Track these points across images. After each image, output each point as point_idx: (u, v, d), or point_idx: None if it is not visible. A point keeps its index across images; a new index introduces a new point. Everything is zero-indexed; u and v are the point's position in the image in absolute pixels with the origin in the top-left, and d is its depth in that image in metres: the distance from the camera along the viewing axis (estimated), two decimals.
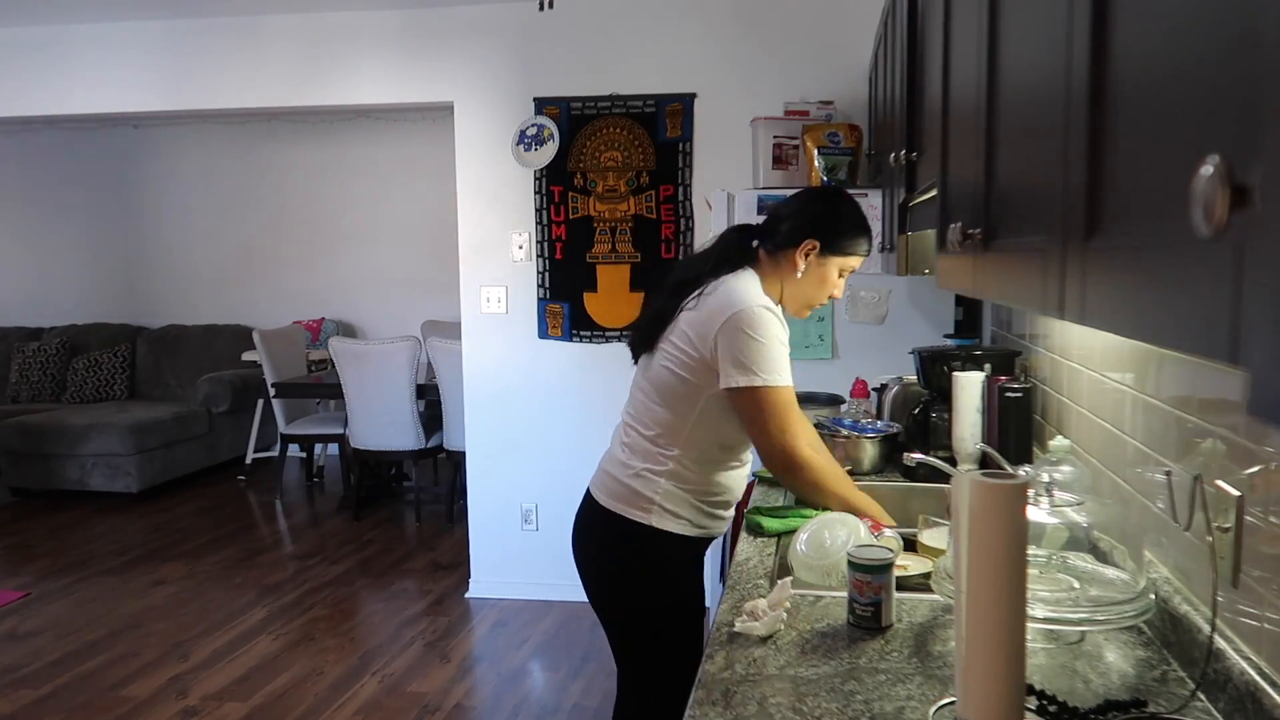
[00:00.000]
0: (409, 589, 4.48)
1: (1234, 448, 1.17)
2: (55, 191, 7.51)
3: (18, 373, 6.89)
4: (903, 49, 2.25)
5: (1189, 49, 0.61)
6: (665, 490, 1.97)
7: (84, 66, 4.44)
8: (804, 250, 2.00)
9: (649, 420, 2.00)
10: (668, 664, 2.06)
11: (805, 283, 2.04)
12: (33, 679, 3.54)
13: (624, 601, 2.06)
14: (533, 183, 4.13)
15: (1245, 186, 0.49)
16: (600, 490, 2.06)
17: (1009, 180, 1.12)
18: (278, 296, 7.33)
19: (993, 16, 1.18)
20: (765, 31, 3.93)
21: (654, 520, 1.97)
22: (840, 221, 2.03)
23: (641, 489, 1.98)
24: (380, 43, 4.19)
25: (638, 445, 2.01)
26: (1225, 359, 0.52)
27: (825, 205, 2.07)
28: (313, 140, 7.15)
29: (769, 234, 2.05)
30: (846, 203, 2.08)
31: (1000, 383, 2.23)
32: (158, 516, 5.73)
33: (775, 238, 2.03)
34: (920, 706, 1.24)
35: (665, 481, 1.97)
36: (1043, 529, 1.47)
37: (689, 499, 1.99)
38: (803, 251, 2.00)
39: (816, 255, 2.01)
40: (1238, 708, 1.12)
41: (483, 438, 4.28)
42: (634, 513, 1.98)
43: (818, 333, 3.55)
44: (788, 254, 2.02)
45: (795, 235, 2.01)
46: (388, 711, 3.27)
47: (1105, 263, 0.75)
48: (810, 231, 2.00)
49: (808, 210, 2.04)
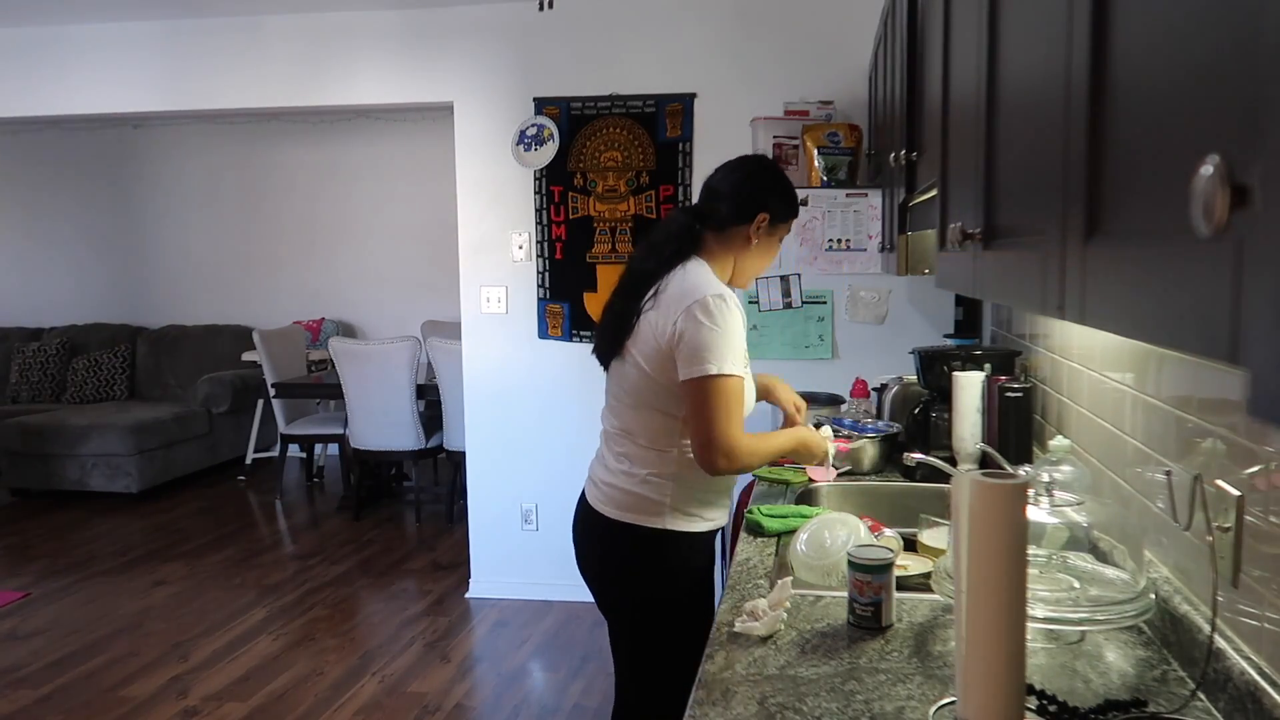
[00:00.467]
0: (409, 589, 4.48)
1: (1234, 448, 1.17)
2: (56, 191, 7.51)
3: (18, 373, 6.89)
4: (903, 49, 2.25)
5: (1189, 48, 0.61)
6: (674, 491, 1.96)
7: (84, 66, 4.44)
8: (757, 224, 2.01)
9: (640, 427, 1.98)
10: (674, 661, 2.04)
11: (755, 254, 2.06)
12: (33, 679, 3.54)
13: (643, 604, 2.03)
14: (533, 183, 4.13)
15: (1245, 186, 0.49)
16: (605, 504, 2.01)
17: (1009, 180, 1.12)
18: (278, 296, 7.33)
19: (993, 16, 1.18)
20: (765, 31, 3.93)
21: (669, 523, 1.96)
22: (785, 192, 2.06)
23: (652, 495, 1.96)
24: (380, 43, 4.19)
25: (637, 454, 1.98)
26: (1225, 359, 0.52)
27: (769, 177, 2.07)
28: (313, 140, 7.15)
29: (711, 213, 2.03)
30: (781, 172, 2.11)
31: (1000, 383, 2.23)
32: (158, 516, 5.73)
33: (718, 216, 2.02)
34: (920, 706, 1.24)
35: (673, 484, 1.95)
36: (1043, 529, 1.47)
37: (697, 494, 1.98)
38: (756, 225, 2.01)
39: (768, 227, 2.03)
40: (1238, 708, 1.12)
41: (483, 438, 4.28)
42: (648, 520, 1.96)
43: (818, 333, 3.55)
44: (740, 230, 2.02)
45: (747, 210, 2.01)
46: (388, 711, 3.27)
47: (1105, 263, 0.75)
48: (762, 204, 2.01)
49: (755, 183, 2.04)
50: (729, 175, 2.06)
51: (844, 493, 2.36)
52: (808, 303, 3.54)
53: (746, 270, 2.08)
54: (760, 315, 3.57)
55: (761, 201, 2.01)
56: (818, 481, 2.35)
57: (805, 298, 3.54)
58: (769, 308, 3.56)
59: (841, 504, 2.32)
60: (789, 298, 3.52)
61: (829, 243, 3.50)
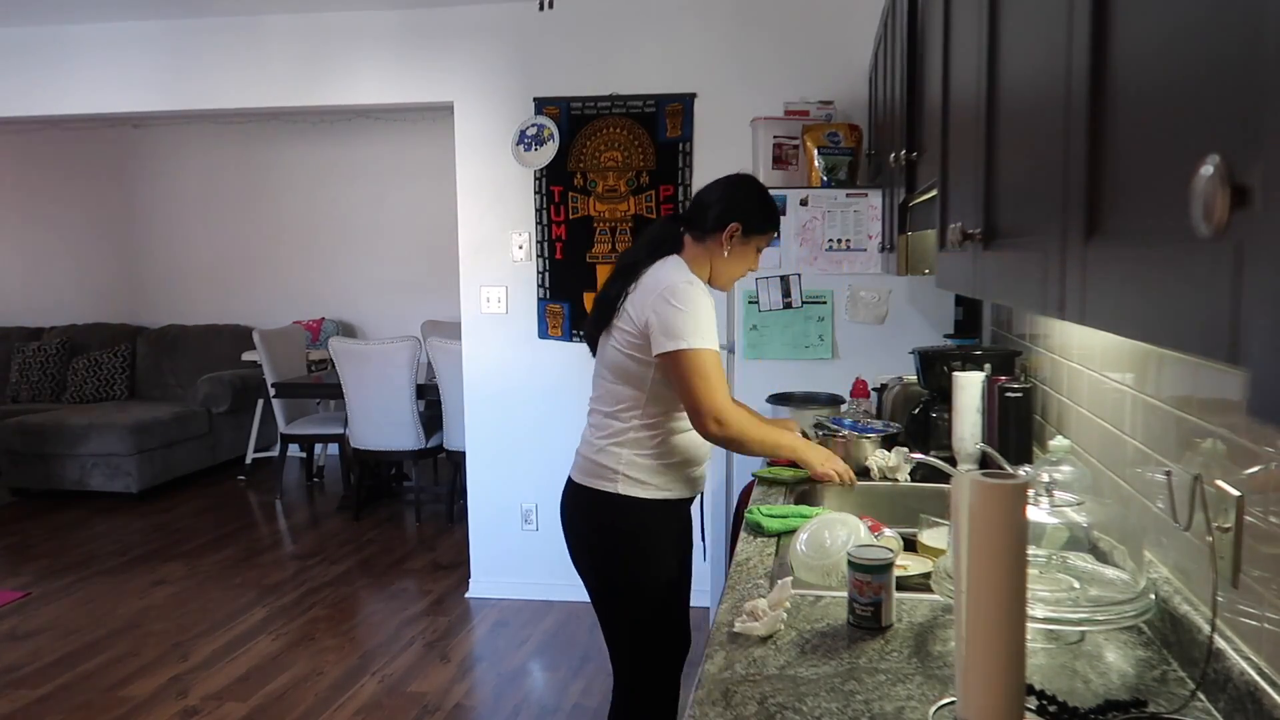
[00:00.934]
0: (409, 589, 4.48)
1: (1234, 448, 1.17)
2: (55, 191, 7.51)
3: (18, 373, 6.89)
4: (903, 49, 2.25)
5: (1189, 48, 0.61)
6: (628, 459, 2.16)
7: (84, 66, 4.44)
8: (729, 233, 2.21)
9: (609, 399, 2.20)
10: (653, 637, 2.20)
11: (730, 261, 2.24)
12: (33, 679, 3.54)
13: (605, 571, 2.22)
14: (533, 183, 4.13)
15: (1245, 186, 0.49)
16: (575, 470, 2.26)
17: (1009, 180, 1.12)
18: (278, 296, 7.33)
19: (993, 16, 1.18)
20: (765, 31, 3.93)
21: (620, 488, 2.16)
22: (760, 207, 2.25)
23: (606, 461, 2.18)
24: (380, 43, 4.19)
25: (600, 423, 2.22)
26: (1225, 359, 0.52)
27: (745, 193, 2.26)
28: (312, 140, 7.15)
29: (696, 220, 2.24)
30: (762, 190, 2.29)
31: (1000, 383, 2.23)
32: (158, 516, 5.73)
33: (703, 223, 2.23)
34: (920, 706, 1.24)
35: (627, 451, 2.16)
36: (1043, 529, 1.47)
37: (650, 463, 2.17)
38: (728, 234, 2.21)
39: (740, 236, 2.22)
40: (1238, 708, 1.12)
41: (483, 438, 4.28)
42: (602, 484, 2.17)
43: (818, 333, 3.55)
44: (715, 236, 2.22)
45: (721, 220, 2.21)
46: (388, 711, 3.27)
47: (1105, 263, 0.75)
48: (734, 216, 2.21)
49: (731, 197, 2.23)
50: (713, 188, 2.27)
51: (844, 493, 2.36)
52: (808, 303, 3.54)
53: (722, 275, 2.27)
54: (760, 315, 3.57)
55: (735, 214, 2.21)
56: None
57: (805, 298, 3.53)
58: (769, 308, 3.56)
59: (841, 504, 2.32)
60: (789, 298, 3.52)
61: (829, 243, 3.50)
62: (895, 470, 2.35)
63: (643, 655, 2.22)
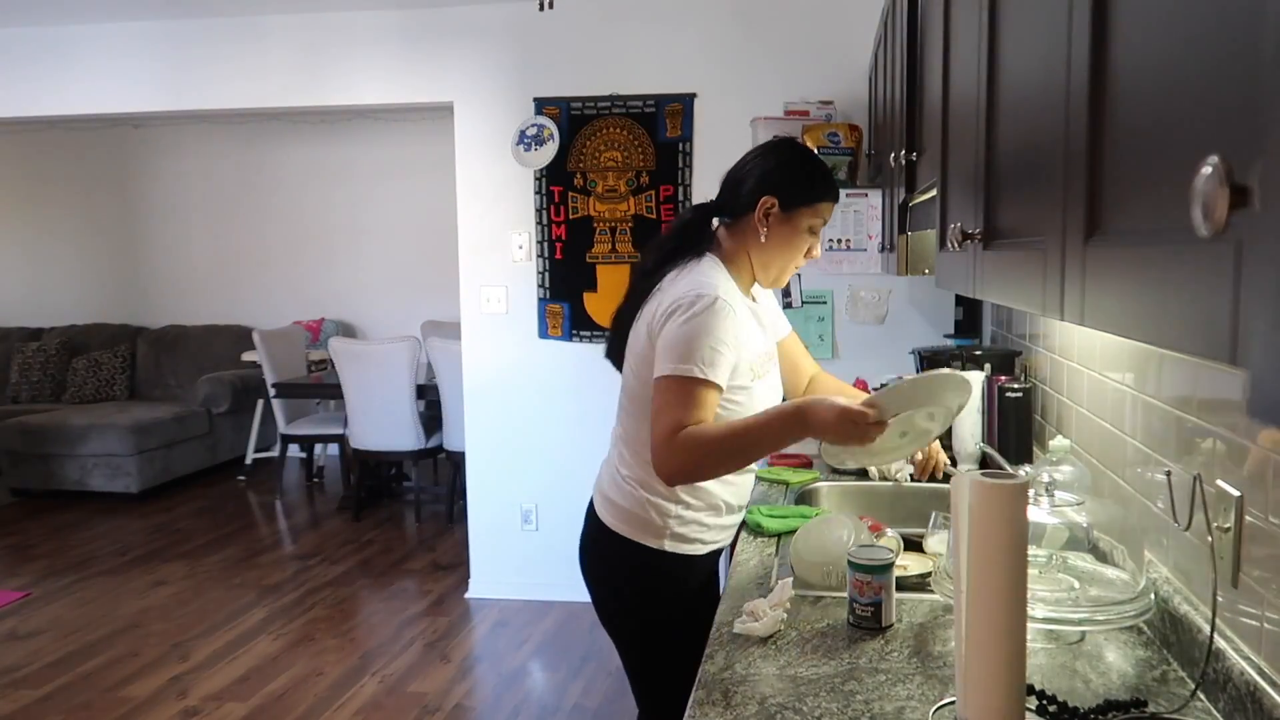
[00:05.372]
0: (409, 589, 4.48)
1: (1234, 448, 1.17)
2: (55, 191, 7.51)
3: (18, 373, 6.89)
4: (903, 49, 2.25)
5: (1189, 48, 0.61)
6: (677, 515, 1.84)
7: (84, 66, 4.44)
8: (762, 210, 1.79)
9: (635, 434, 1.84)
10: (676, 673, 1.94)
11: (772, 247, 1.82)
12: (33, 679, 3.54)
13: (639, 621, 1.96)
14: (533, 183, 4.13)
15: (1245, 186, 0.49)
16: (606, 513, 1.91)
17: (1009, 180, 1.12)
18: (278, 297, 7.33)
19: (993, 16, 1.18)
20: (765, 31, 3.93)
21: (667, 545, 1.85)
22: (796, 171, 1.82)
23: (653, 517, 1.84)
24: (380, 43, 4.19)
25: (631, 467, 1.86)
26: (1225, 359, 0.52)
27: (776, 158, 1.84)
28: (312, 140, 7.14)
29: (728, 203, 1.85)
30: (805, 153, 1.90)
31: (1000, 383, 2.23)
32: (158, 516, 5.73)
33: (734, 205, 1.83)
34: (920, 706, 1.24)
35: (676, 508, 1.84)
36: (1043, 529, 1.47)
37: (700, 518, 1.87)
38: (761, 212, 1.79)
39: (778, 213, 1.79)
40: (1238, 708, 1.12)
41: (482, 438, 4.28)
42: (647, 539, 1.85)
43: (818, 333, 3.55)
44: (747, 220, 1.81)
45: (750, 197, 1.80)
46: (388, 711, 3.27)
47: (1105, 263, 0.75)
48: (765, 188, 1.79)
49: (758, 167, 1.83)
50: (744, 161, 1.87)
51: (844, 493, 2.36)
52: (808, 303, 3.54)
53: (768, 265, 1.85)
54: None
55: (768, 186, 1.79)
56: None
57: (805, 298, 3.53)
58: None
59: (841, 504, 2.32)
60: (789, 298, 3.52)
61: (829, 243, 3.49)
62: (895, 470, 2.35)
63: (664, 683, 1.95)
